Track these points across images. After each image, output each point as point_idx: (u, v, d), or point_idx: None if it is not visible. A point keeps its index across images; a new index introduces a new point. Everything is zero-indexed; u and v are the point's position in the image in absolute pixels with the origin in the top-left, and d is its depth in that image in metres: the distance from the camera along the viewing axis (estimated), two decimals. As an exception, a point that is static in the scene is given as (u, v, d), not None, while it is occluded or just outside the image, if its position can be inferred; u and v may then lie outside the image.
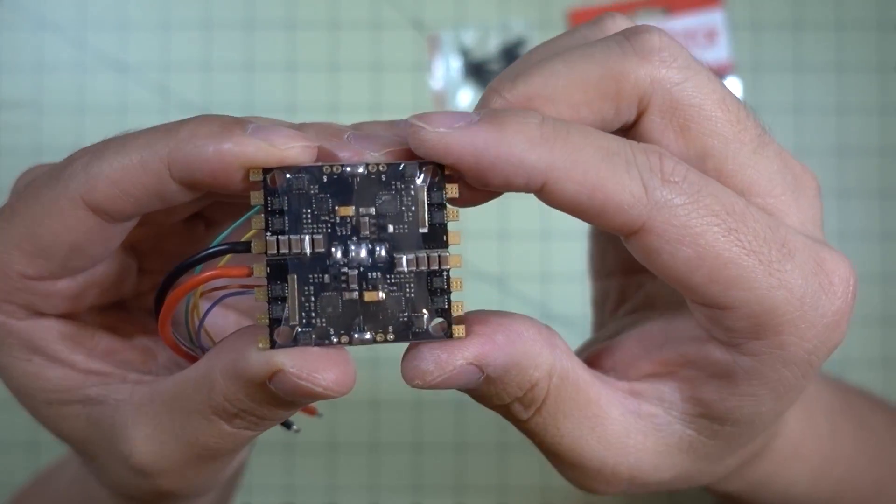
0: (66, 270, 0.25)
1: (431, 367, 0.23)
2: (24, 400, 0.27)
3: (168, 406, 0.25)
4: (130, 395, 0.26)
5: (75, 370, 0.27)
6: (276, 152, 0.22)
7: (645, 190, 0.22)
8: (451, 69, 0.60)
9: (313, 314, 0.23)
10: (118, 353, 0.28)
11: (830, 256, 0.24)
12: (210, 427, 0.25)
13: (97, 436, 0.27)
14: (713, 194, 0.22)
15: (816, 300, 0.23)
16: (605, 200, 0.22)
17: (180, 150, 0.23)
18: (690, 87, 0.24)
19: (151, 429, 0.25)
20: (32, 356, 0.26)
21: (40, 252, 0.24)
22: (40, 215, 0.24)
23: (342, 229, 0.23)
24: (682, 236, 0.22)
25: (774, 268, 0.22)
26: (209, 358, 0.24)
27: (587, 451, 0.25)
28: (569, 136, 0.22)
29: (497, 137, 0.22)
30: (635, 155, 0.22)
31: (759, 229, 0.23)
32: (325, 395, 0.23)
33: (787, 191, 0.24)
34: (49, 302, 0.26)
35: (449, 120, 0.22)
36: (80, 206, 0.24)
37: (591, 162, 0.22)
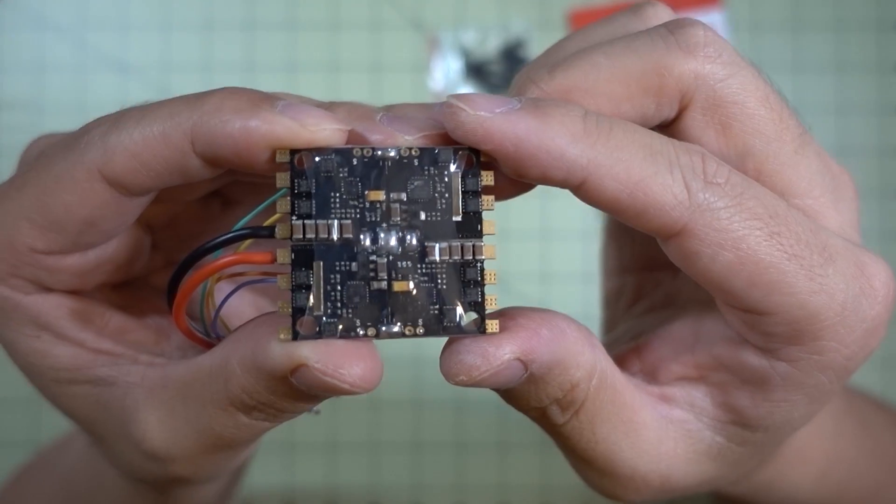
0: (78, 245, 0.24)
1: (478, 360, 0.21)
2: (32, 378, 0.26)
3: (182, 393, 0.24)
4: (142, 378, 0.25)
5: (84, 349, 0.25)
6: (306, 134, 0.21)
7: (687, 192, 0.21)
8: (450, 70, 0.60)
9: (339, 304, 0.21)
10: (129, 333, 0.26)
11: (871, 260, 0.23)
12: (226, 418, 0.24)
13: (106, 417, 0.26)
14: (756, 197, 0.22)
15: (857, 305, 0.23)
16: (647, 201, 0.21)
17: (204, 123, 0.21)
18: (735, 84, 0.23)
19: (165, 414, 0.24)
20: (40, 333, 0.25)
21: (51, 225, 0.23)
22: (53, 187, 0.23)
23: (372, 215, 0.22)
24: (723, 240, 0.21)
25: (816, 272, 0.22)
26: (225, 347, 0.23)
27: (620, 457, 0.25)
28: (612, 132, 0.21)
29: (540, 127, 0.21)
30: (678, 155, 0.22)
31: (800, 233, 0.22)
32: (351, 392, 0.21)
33: (827, 192, 0.24)
34: (58, 277, 0.25)
35: (490, 103, 0.21)
36: (97, 178, 0.22)
37: (634, 160, 0.21)
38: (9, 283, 0.24)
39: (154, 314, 0.28)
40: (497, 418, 0.57)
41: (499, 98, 0.21)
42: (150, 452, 0.25)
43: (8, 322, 0.25)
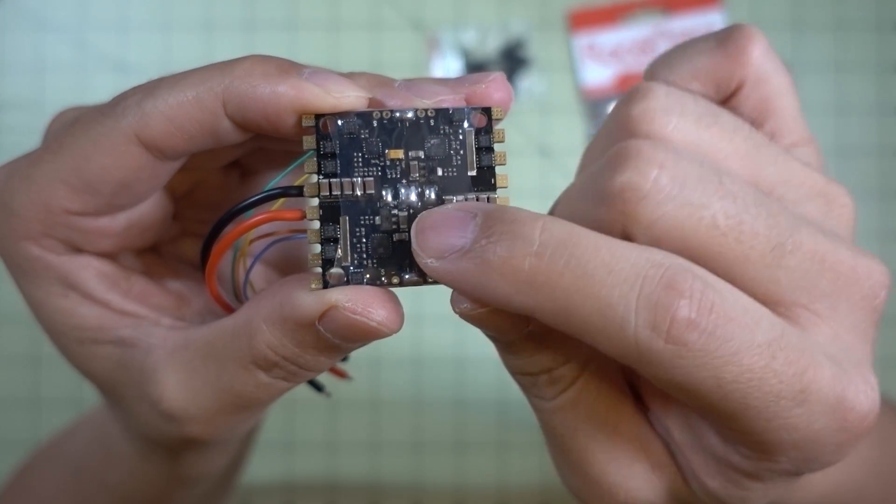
0: (111, 207, 0.25)
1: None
2: (56, 337, 0.27)
3: (203, 353, 0.25)
4: (164, 340, 0.26)
5: (110, 310, 0.27)
6: (331, 99, 0.23)
7: (638, 352, 0.20)
8: (450, 70, 0.60)
9: (364, 255, 0.23)
10: (152, 297, 0.28)
11: (854, 390, 0.22)
12: (247, 376, 0.25)
13: (126, 378, 0.27)
14: (731, 353, 0.20)
15: (819, 437, 0.22)
16: (594, 344, 0.21)
17: (235, 87, 0.23)
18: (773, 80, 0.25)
19: (184, 375, 0.25)
20: (68, 292, 0.26)
21: (87, 187, 0.24)
22: (90, 150, 0.24)
23: (392, 172, 0.23)
24: (674, 386, 0.21)
25: (779, 416, 0.21)
26: (250, 306, 0.25)
27: (594, 458, 0.25)
28: (561, 277, 0.20)
29: (481, 280, 0.21)
30: (638, 311, 0.20)
31: (773, 385, 0.21)
32: (378, 332, 0.23)
33: (821, 297, 0.22)
34: (89, 239, 0.26)
35: (440, 241, 0.22)
36: (134, 141, 0.24)
37: (579, 312, 0.20)
38: (41, 242, 0.25)
39: (173, 279, 0.29)
40: (497, 418, 0.57)
41: (455, 225, 0.22)
42: (167, 412, 0.26)
43: (38, 280, 0.26)
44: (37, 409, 0.59)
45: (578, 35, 0.60)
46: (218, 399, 0.25)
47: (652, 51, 0.60)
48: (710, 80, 0.25)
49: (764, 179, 0.24)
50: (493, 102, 0.24)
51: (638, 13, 0.60)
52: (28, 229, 0.25)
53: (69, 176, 0.24)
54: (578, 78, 0.60)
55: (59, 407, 0.58)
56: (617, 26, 0.60)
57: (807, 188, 0.24)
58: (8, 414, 0.59)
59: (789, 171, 0.24)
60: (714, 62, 0.25)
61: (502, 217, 0.21)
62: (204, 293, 0.29)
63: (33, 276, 0.26)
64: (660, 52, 0.27)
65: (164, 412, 0.26)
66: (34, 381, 0.59)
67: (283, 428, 0.59)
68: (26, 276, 0.26)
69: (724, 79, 0.25)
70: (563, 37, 0.61)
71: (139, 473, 0.33)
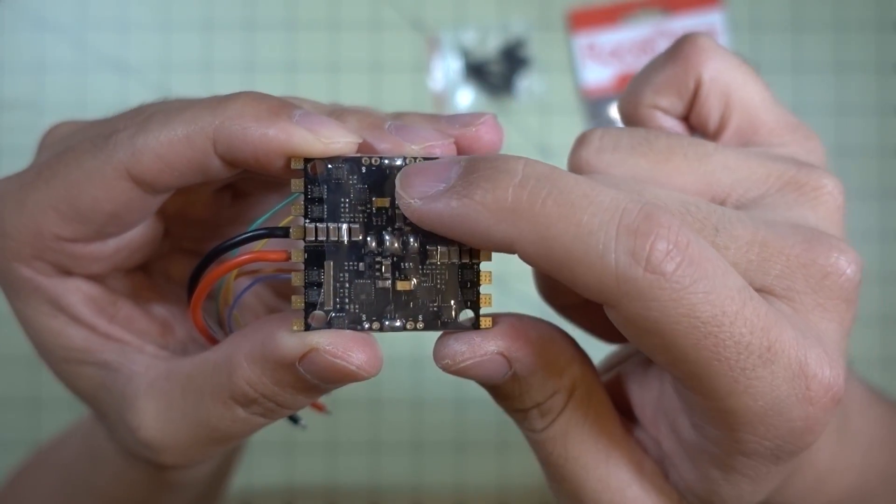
0: (101, 235, 0.26)
1: (465, 348, 0.23)
2: (43, 354, 0.28)
3: (183, 385, 0.26)
4: (146, 368, 0.27)
5: (96, 333, 0.27)
6: (320, 146, 0.23)
7: (617, 280, 0.20)
8: (450, 70, 0.60)
9: (347, 300, 0.23)
10: (137, 323, 0.28)
11: (817, 359, 0.22)
12: (224, 410, 0.25)
13: (108, 400, 0.27)
14: (704, 291, 0.20)
15: (783, 407, 0.22)
16: (573, 279, 0.21)
17: (226, 128, 0.23)
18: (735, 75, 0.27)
19: (163, 405, 0.26)
20: (57, 313, 0.27)
21: (78, 216, 0.25)
22: (82, 181, 0.24)
23: (378, 219, 0.23)
24: (649, 328, 0.21)
25: (745, 374, 0.21)
26: (231, 342, 0.25)
27: (586, 485, 0.25)
28: (543, 205, 0.21)
29: (462, 210, 0.21)
30: (619, 237, 0.20)
31: (744, 334, 0.21)
32: (357, 375, 0.23)
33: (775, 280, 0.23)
34: (79, 263, 0.26)
35: (425, 182, 0.22)
36: (125, 177, 0.24)
37: (560, 240, 0.21)
38: (32, 265, 0.26)
39: (160, 303, 0.29)
40: (497, 418, 0.57)
41: (440, 170, 0.22)
42: (143, 441, 0.26)
43: (27, 300, 0.26)
44: (37, 409, 0.59)
45: (578, 35, 0.60)
46: (194, 431, 0.26)
47: (652, 51, 0.60)
48: (670, 90, 0.27)
49: (716, 187, 0.24)
50: (484, 145, 0.25)
51: (638, 13, 0.60)
52: (19, 251, 0.25)
53: (61, 204, 0.25)
54: (578, 78, 0.60)
55: (59, 407, 0.58)
56: (617, 26, 0.60)
57: (772, 181, 0.24)
58: (8, 414, 0.59)
59: (746, 171, 0.24)
60: (667, 73, 0.27)
61: (484, 161, 0.22)
62: (188, 321, 0.29)
63: (23, 296, 0.26)
64: (658, 52, 0.29)
65: (140, 440, 0.26)
66: (34, 381, 0.59)
67: (283, 428, 0.59)
68: (17, 294, 0.27)
69: (680, 86, 0.26)
70: (563, 37, 0.61)
71: (125, 478, 0.33)
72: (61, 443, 0.41)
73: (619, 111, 0.28)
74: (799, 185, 0.24)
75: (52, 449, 0.41)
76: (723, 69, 0.26)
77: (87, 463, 0.36)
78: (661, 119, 0.27)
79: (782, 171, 0.24)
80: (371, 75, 0.60)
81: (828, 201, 0.24)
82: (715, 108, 0.26)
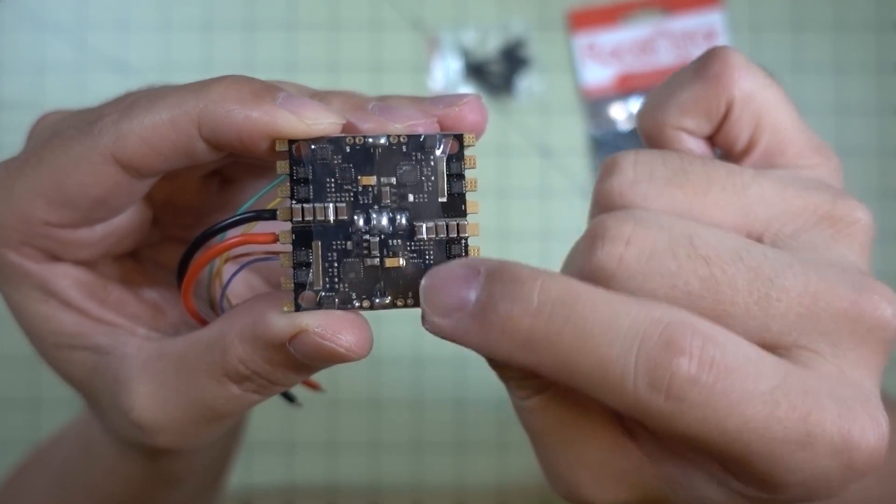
0: (88, 220, 0.26)
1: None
2: (35, 340, 0.28)
3: (176, 365, 0.26)
4: (138, 350, 0.27)
5: (87, 317, 0.27)
6: (303, 127, 0.23)
7: (637, 407, 0.21)
8: (450, 70, 0.60)
9: (336, 279, 0.24)
10: (129, 306, 0.28)
11: (860, 430, 0.21)
12: (218, 388, 0.25)
13: (100, 384, 0.27)
14: (729, 405, 0.20)
15: (827, 475, 0.22)
16: (598, 398, 0.21)
17: (210, 111, 0.23)
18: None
19: (156, 386, 0.26)
20: (48, 298, 0.27)
21: (65, 202, 0.25)
22: (69, 167, 0.24)
23: (364, 198, 0.24)
24: (677, 437, 0.21)
25: (784, 459, 0.21)
26: (223, 321, 0.25)
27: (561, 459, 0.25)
28: (560, 335, 0.21)
29: (484, 338, 0.22)
30: (637, 370, 0.20)
31: (777, 431, 0.21)
32: (346, 357, 0.23)
33: (820, 336, 0.22)
34: (67, 249, 0.26)
35: (447, 304, 0.22)
36: (110, 161, 0.24)
37: (580, 370, 0.21)
38: (21, 251, 0.26)
39: (151, 288, 0.29)
40: (497, 418, 0.57)
41: (458, 282, 0.22)
42: (136, 422, 0.26)
43: (18, 286, 0.27)
44: (37, 409, 0.59)
45: (578, 35, 0.60)
46: (188, 410, 0.26)
47: (652, 51, 0.60)
48: (698, 111, 0.25)
49: (753, 221, 0.23)
50: (467, 125, 0.25)
51: (638, 13, 0.60)
52: (7, 238, 0.26)
53: (48, 190, 0.25)
54: (578, 78, 0.60)
55: (59, 407, 0.58)
56: (617, 26, 0.60)
57: (808, 215, 0.24)
58: (8, 414, 0.59)
59: (783, 204, 0.24)
60: (696, 93, 0.25)
61: (502, 275, 0.22)
62: (179, 305, 0.29)
63: (13, 282, 0.27)
64: (660, 52, 0.28)
65: (134, 422, 0.26)
66: (34, 381, 0.59)
67: (283, 428, 0.59)
68: (6, 281, 0.27)
69: (710, 107, 0.25)
70: (563, 37, 0.61)
71: (120, 473, 0.34)
72: (57, 441, 0.41)
73: (640, 129, 0.27)
74: (834, 220, 0.24)
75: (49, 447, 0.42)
76: (754, 89, 0.25)
77: (83, 459, 0.36)
78: (687, 141, 0.26)
79: (818, 204, 0.24)
80: (371, 75, 0.60)
81: (862, 236, 0.24)
82: (745, 130, 0.25)
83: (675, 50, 0.60)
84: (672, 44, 0.60)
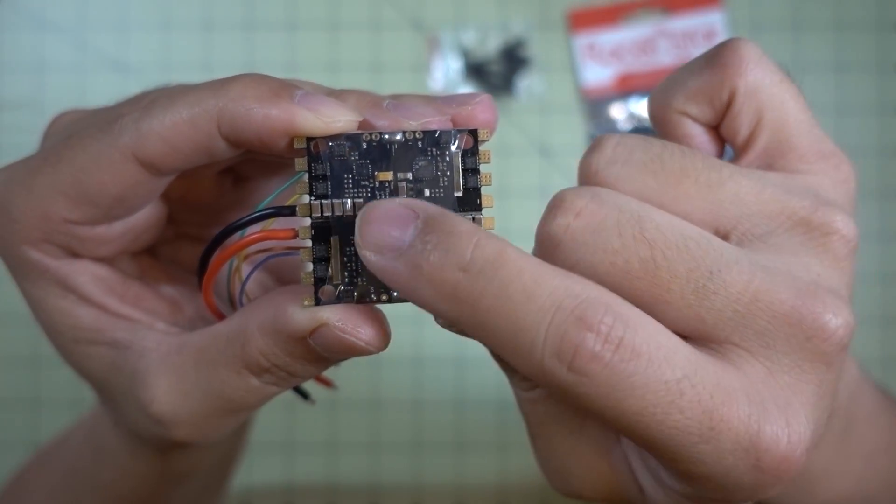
0: (107, 218, 0.26)
1: None
2: (53, 336, 0.28)
3: (195, 357, 0.26)
4: (157, 344, 0.27)
5: (106, 312, 0.27)
6: (321, 124, 0.24)
7: (543, 375, 0.21)
8: (450, 69, 0.60)
9: (355, 274, 0.24)
10: (147, 301, 0.28)
11: (772, 433, 0.22)
12: (238, 380, 0.26)
13: (118, 379, 0.28)
14: (631, 388, 0.21)
15: (731, 472, 0.22)
16: (510, 361, 0.22)
17: (229, 109, 0.24)
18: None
19: (175, 379, 0.26)
20: (67, 293, 0.27)
21: (85, 200, 0.25)
22: (89, 166, 0.25)
23: (381, 193, 0.24)
24: (580, 409, 0.22)
25: (687, 449, 0.21)
26: (243, 314, 0.25)
27: (556, 448, 0.25)
28: (482, 296, 0.21)
29: (410, 283, 0.22)
30: (547, 339, 0.21)
31: (679, 420, 0.21)
32: (365, 350, 0.24)
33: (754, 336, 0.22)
34: (86, 246, 0.26)
35: (380, 240, 0.22)
36: (131, 160, 0.24)
37: (495, 332, 0.21)
38: (41, 247, 0.26)
39: (168, 284, 0.30)
40: (497, 418, 0.57)
41: (395, 220, 0.22)
42: (155, 416, 0.27)
43: (38, 282, 0.27)
44: (37, 410, 0.59)
45: (578, 35, 0.60)
46: (207, 403, 0.26)
47: (652, 51, 0.60)
48: (702, 99, 0.26)
49: (722, 217, 0.24)
50: (479, 124, 0.25)
51: (638, 13, 0.60)
52: (27, 234, 0.26)
53: (68, 188, 0.25)
54: (578, 78, 0.60)
55: (59, 407, 0.58)
56: (617, 26, 0.60)
57: (783, 219, 0.23)
58: (8, 414, 0.59)
59: (757, 205, 0.23)
60: (702, 80, 0.26)
61: (441, 226, 0.22)
62: (197, 300, 0.30)
63: (32, 278, 0.27)
64: (660, 52, 0.28)
65: (153, 415, 0.27)
66: (34, 381, 0.59)
67: (283, 428, 0.59)
68: (26, 277, 0.27)
69: (714, 95, 0.25)
70: (563, 37, 0.61)
71: (129, 471, 0.34)
72: (64, 440, 0.41)
73: (649, 110, 0.27)
74: (810, 228, 0.23)
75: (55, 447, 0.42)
76: (761, 84, 0.25)
77: (91, 458, 0.36)
78: (689, 126, 0.26)
79: (796, 209, 0.23)
80: (371, 75, 0.60)
81: (837, 248, 0.23)
82: (745, 125, 0.25)
83: (676, 50, 0.60)
84: (672, 44, 0.60)
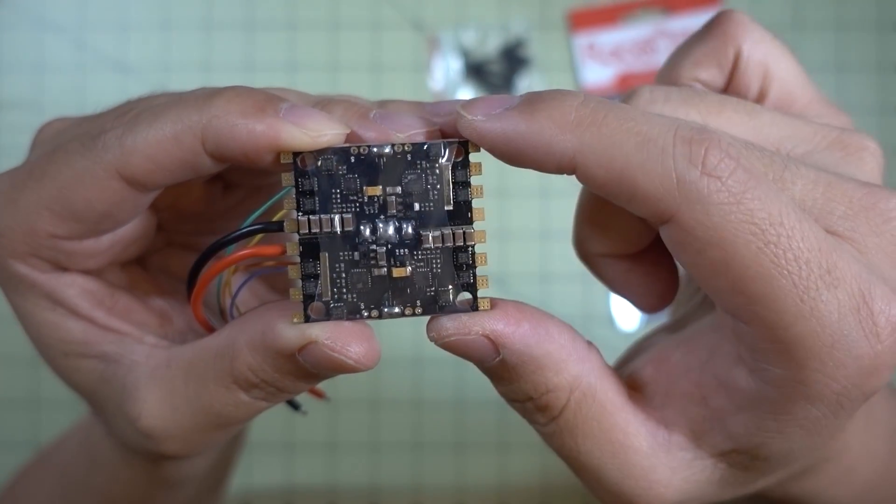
0: (94, 232, 0.26)
1: (451, 325, 0.23)
2: (42, 348, 0.28)
3: (184, 371, 0.26)
4: (146, 357, 0.27)
5: (95, 325, 0.27)
6: (307, 139, 0.23)
7: (677, 182, 0.21)
8: (450, 69, 0.60)
9: (344, 290, 0.24)
10: (136, 314, 0.28)
11: (882, 295, 0.21)
12: (227, 395, 0.25)
13: (107, 392, 0.27)
14: (760, 198, 0.21)
15: (852, 341, 0.21)
16: (634, 188, 0.22)
17: (213, 126, 0.23)
18: None
19: (164, 393, 0.26)
20: (55, 307, 0.27)
21: (71, 216, 0.25)
22: (73, 182, 0.24)
23: (370, 208, 0.24)
24: (710, 237, 0.21)
25: (810, 295, 0.21)
26: (232, 328, 0.25)
27: (606, 475, 0.25)
28: (605, 119, 0.22)
29: (527, 124, 0.22)
30: (676, 143, 0.21)
31: (803, 248, 0.21)
32: (354, 368, 0.23)
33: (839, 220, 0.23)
34: (74, 259, 0.26)
35: (488, 106, 0.23)
36: (115, 177, 0.24)
37: (622, 149, 0.22)
38: (28, 262, 0.26)
39: (158, 295, 0.29)
40: (497, 418, 0.57)
41: (501, 99, 0.23)
42: (144, 430, 0.26)
43: (26, 296, 0.27)
44: (37, 410, 0.59)
45: (578, 35, 0.60)
46: (196, 417, 0.26)
47: (652, 51, 0.60)
48: (710, 63, 0.27)
49: (766, 139, 0.24)
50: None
51: (638, 13, 0.60)
52: (14, 249, 0.26)
53: (53, 204, 0.25)
54: (578, 78, 0.60)
55: (59, 407, 0.58)
56: (617, 26, 0.60)
57: (818, 139, 0.25)
58: (8, 414, 0.59)
59: (792, 128, 0.25)
60: (706, 46, 0.27)
61: (545, 91, 0.23)
62: (187, 311, 0.29)
63: (20, 291, 0.27)
64: (660, 52, 0.29)
65: (142, 430, 0.26)
66: (34, 382, 0.59)
67: (283, 429, 0.59)
68: (14, 290, 0.27)
69: (720, 57, 0.27)
70: (563, 37, 0.61)
71: (122, 477, 0.33)
72: (60, 444, 0.41)
73: (656, 81, 0.28)
74: (844, 145, 0.25)
75: (51, 451, 0.42)
76: (761, 42, 0.27)
77: (85, 463, 0.36)
78: None
79: (827, 132, 0.25)
80: (371, 75, 0.60)
81: (871, 161, 0.25)
82: (754, 80, 0.27)
83: (675, 50, 0.60)
84: (672, 44, 0.60)
